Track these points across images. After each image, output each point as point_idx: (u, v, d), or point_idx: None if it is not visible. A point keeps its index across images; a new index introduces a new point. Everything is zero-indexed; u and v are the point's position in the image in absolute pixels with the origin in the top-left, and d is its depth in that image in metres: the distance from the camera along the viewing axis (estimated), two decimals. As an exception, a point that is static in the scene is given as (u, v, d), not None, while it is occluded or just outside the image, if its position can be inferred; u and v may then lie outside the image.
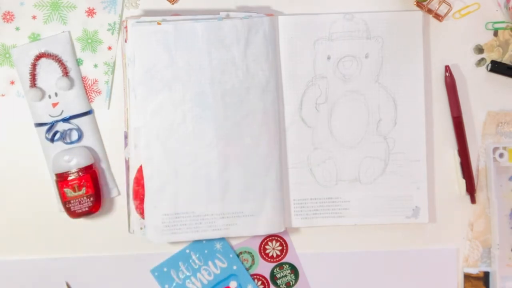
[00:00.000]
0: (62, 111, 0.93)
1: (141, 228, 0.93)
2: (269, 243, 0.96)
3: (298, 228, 0.96)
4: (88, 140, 0.94)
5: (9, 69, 0.93)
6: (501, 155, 0.94)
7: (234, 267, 0.95)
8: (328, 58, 0.93)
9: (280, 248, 0.96)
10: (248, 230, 0.93)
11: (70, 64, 0.93)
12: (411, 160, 0.94)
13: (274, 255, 0.96)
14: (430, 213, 0.94)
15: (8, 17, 0.92)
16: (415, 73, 0.93)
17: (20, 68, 0.92)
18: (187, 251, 0.95)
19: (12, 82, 0.93)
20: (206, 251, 0.95)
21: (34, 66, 0.92)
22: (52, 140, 0.92)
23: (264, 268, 0.96)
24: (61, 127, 0.93)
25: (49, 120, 0.93)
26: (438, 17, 0.94)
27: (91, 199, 0.91)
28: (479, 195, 0.95)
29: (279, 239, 0.96)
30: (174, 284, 0.95)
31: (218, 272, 0.95)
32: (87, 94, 0.94)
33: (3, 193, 0.94)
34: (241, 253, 0.96)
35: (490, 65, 0.94)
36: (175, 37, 0.90)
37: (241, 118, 0.91)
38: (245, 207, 0.92)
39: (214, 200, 0.92)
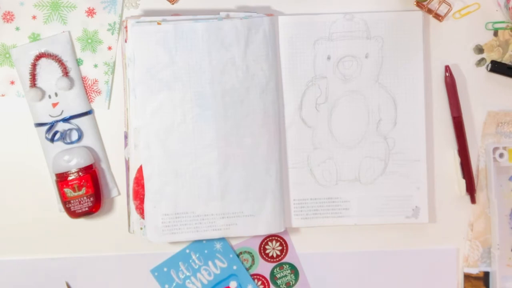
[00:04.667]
0: (62, 111, 0.93)
1: (141, 228, 0.93)
2: (269, 243, 0.96)
3: (298, 228, 0.96)
4: (88, 140, 0.94)
5: (9, 69, 0.93)
6: (501, 155, 0.94)
7: (234, 267, 0.95)
8: (328, 58, 0.93)
9: (280, 248, 0.96)
10: (248, 230, 0.93)
11: (70, 64, 0.93)
12: (411, 160, 0.94)
13: (274, 255, 0.96)
14: (430, 213, 0.94)
15: (8, 17, 0.92)
16: (415, 73, 0.93)
17: (20, 68, 0.92)
18: (187, 251, 0.95)
19: (12, 82, 0.93)
20: (206, 251, 0.95)
21: (34, 66, 0.92)
22: (52, 140, 0.92)
23: (264, 268, 0.96)
24: (61, 127, 0.93)
25: (49, 120, 0.92)
26: (438, 17, 0.94)
27: (91, 199, 0.91)
28: (479, 195, 0.95)
29: (279, 239, 0.96)
30: (174, 284, 0.95)
31: (218, 272, 0.95)
32: (87, 94, 0.94)
33: (3, 193, 0.94)
34: (241, 253, 0.96)
35: (490, 65, 0.94)
36: (175, 37, 0.90)
37: (241, 118, 0.91)
38: (245, 207, 0.92)
39: (214, 200, 0.92)
